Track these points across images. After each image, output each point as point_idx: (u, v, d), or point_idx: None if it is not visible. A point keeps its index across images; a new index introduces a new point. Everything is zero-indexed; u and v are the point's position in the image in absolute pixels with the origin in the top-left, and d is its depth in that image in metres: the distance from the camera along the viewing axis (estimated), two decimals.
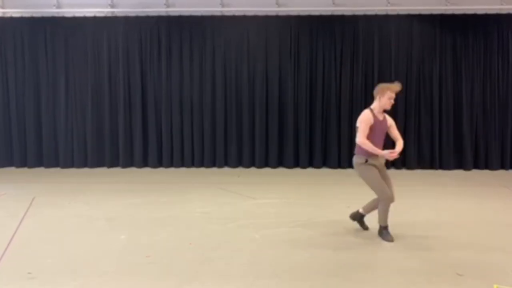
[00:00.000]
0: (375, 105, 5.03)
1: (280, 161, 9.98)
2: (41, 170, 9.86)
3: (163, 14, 9.86)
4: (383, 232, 5.08)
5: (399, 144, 5.02)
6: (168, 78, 9.88)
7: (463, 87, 9.63)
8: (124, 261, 4.45)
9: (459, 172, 9.48)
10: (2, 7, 10.03)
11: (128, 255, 4.62)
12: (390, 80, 9.57)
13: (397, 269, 4.22)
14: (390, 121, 5.13)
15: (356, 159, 5.01)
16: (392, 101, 4.94)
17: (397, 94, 5.07)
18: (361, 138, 4.89)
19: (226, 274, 4.12)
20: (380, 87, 5.01)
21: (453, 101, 9.68)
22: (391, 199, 4.92)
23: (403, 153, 9.57)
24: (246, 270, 4.21)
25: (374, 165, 4.93)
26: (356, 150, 5.02)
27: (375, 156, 4.90)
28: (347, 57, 9.72)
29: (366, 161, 4.90)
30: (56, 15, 9.89)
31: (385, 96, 4.93)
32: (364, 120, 4.93)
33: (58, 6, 9.90)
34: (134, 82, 9.87)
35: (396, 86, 4.95)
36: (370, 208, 5.29)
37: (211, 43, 9.82)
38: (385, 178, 5.03)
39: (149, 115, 9.91)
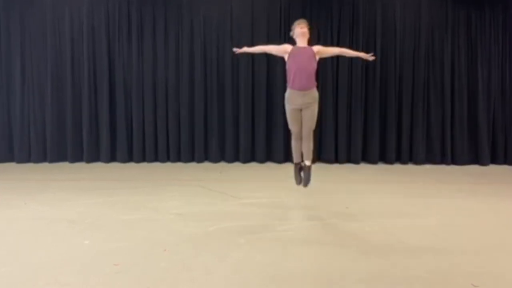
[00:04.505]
0: None
1: (268, 155, 10.01)
2: None
3: None
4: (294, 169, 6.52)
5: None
6: (140, 60, 9.83)
7: (478, 70, 9.72)
8: (88, 270, 4.42)
9: (474, 168, 9.59)
10: None
11: (93, 263, 4.59)
12: (395, 65, 9.68)
13: (402, 279, 4.23)
14: (316, 47, 6.04)
15: (315, 92, 6.20)
16: (301, 29, 5.95)
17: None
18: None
19: (207, 285, 4.12)
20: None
21: (467, 86, 9.77)
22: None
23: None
24: (230, 280, 4.21)
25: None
26: (313, 83, 6.12)
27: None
28: (345, 36, 9.75)
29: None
30: None
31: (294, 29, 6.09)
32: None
33: None
34: (100, 64, 9.81)
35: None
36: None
37: (189, 21, 9.79)
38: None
39: (118, 102, 9.86)
